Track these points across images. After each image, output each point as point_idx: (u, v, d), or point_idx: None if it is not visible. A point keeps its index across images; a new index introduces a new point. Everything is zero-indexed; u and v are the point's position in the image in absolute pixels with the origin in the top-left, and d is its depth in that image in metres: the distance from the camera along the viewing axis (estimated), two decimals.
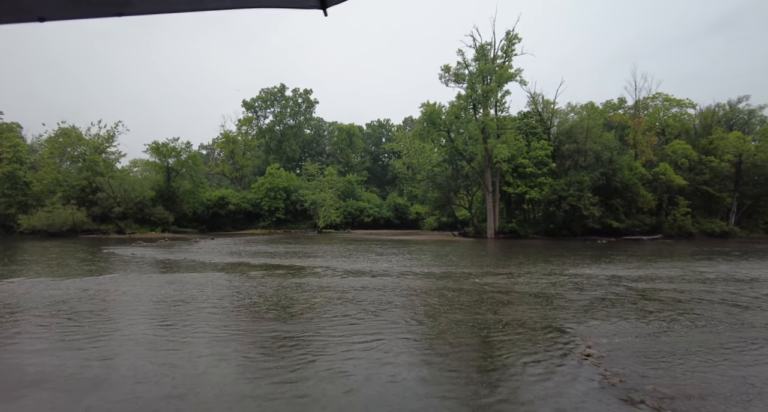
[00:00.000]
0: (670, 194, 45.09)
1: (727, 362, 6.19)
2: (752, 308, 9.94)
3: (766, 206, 49.17)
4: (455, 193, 49.94)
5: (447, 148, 46.12)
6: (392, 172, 74.44)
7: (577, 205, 39.84)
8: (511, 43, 41.75)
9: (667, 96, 56.34)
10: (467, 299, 10.66)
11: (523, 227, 43.79)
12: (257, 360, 6.07)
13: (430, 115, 41.51)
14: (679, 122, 56.17)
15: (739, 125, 59.21)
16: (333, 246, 30.13)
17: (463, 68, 42.67)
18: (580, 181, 40.26)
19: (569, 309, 9.67)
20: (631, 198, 42.56)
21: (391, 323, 8.25)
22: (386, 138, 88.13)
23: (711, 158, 47.67)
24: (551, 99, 49.25)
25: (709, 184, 47.26)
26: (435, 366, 6.06)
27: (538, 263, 19.08)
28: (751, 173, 47.52)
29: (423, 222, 62.02)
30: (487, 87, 40.40)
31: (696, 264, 19.23)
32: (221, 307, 9.67)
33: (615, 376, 5.52)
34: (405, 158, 66.09)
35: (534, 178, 42.32)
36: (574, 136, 44.58)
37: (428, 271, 16.19)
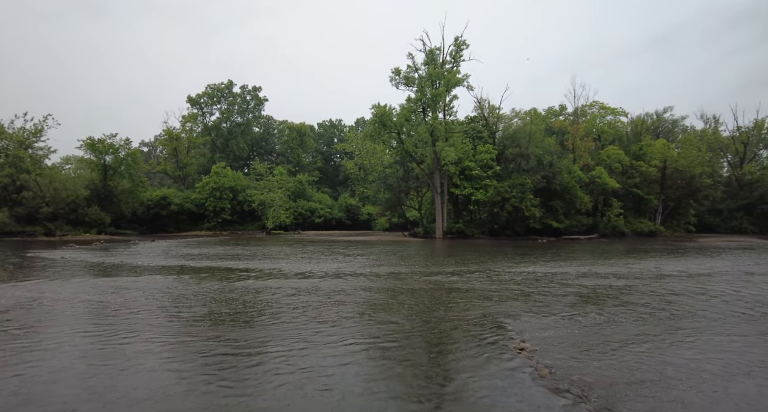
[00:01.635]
0: (605, 196, 48.14)
1: (649, 351, 6.73)
2: (674, 301, 10.85)
3: (686, 208, 53.70)
4: (406, 195, 50.62)
5: (398, 150, 46.69)
6: (344, 173, 74.26)
7: (520, 206, 41.66)
8: (459, 49, 42.92)
9: (603, 104, 60.18)
10: (413, 298, 10.89)
11: (470, 227, 45.14)
12: (197, 369, 5.91)
13: (381, 117, 41.83)
14: (614, 129, 60.15)
15: (664, 133, 64.32)
16: (282, 247, 29.64)
17: (413, 72, 43.35)
18: (523, 183, 42.10)
19: (508, 305, 10.13)
20: (569, 200, 45.02)
21: (337, 322, 8.28)
22: (338, 138, 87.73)
23: (641, 163, 51.42)
24: (497, 105, 51.21)
25: (639, 187, 50.95)
26: (378, 363, 6.17)
27: (482, 262, 19.76)
28: (674, 177, 51.69)
29: (374, 223, 62.33)
30: (436, 91, 41.30)
31: (626, 261, 20.69)
32: (160, 313, 9.28)
33: (545, 368, 5.84)
34: (357, 159, 66.16)
35: (480, 180, 43.77)
36: (517, 140, 46.52)
37: (377, 271, 16.34)
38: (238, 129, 75.21)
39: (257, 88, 76.40)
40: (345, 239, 40.69)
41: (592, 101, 60.05)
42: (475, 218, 48.55)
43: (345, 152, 76.72)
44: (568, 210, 45.65)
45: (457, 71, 42.62)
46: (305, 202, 62.72)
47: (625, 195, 49.97)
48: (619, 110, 60.74)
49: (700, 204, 55.16)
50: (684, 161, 50.90)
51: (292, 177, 64.74)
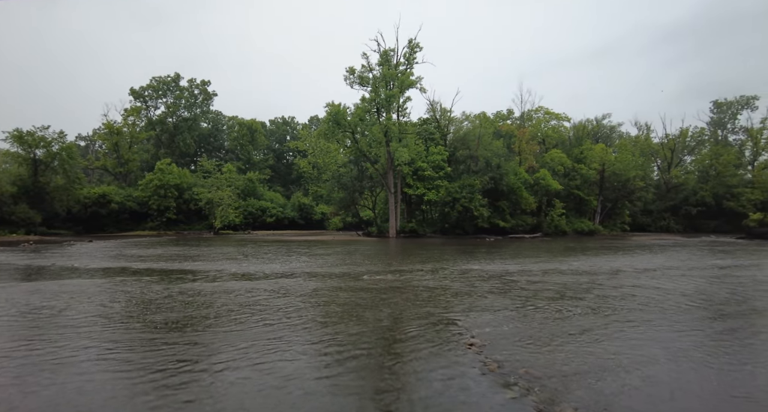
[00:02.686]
0: (548, 197, 50.66)
1: (592, 343, 7.23)
2: (612, 296, 11.68)
3: (622, 208, 57.62)
4: (360, 194, 50.75)
5: (352, 150, 46.78)
6: (297, 171, 73.21)
7: (469, 206, 43.04)
8: (413, 51, 43.59)
9: (547, 110, 63.22)
10: (365, 297, 11.04)
11: (422, 226, 46.02)
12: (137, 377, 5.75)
13: (335, 116, 41.71)
14: (557, 134, 63.36)
15: (603, 138, 68.60)
16: (230, 248, 28.86)
17: (367, 72, 43.57)
18: (472, 184, 43.50)
19: (459, 302, 10.51)
20: (515, 200, 47.01)
21: (286, 323, 8.28)
22: (291, 136, 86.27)
23: (581, 166, 54.57)
24: (448, 107, 52.50)
25: (579, 188, 54.09)
26: (328, 361, 6.25)
27: (433, 261, 20.26)
28: (612, 180, 55.31)
29: (328, 222, 61.97)
30: (390, 92, 41.72)
31: (568, 259, 21.93)
32: (97, 319, 8.86)
33: (494, 362, 6.11)
34: (310, 157, 65.46)
35: (432, 180, 44.75)
36: (467, 143, 47.99)
37: (330, 271, 16.35)
38: (184, 124, 72.11)
39: (206, 82, 73.65)
40: (298, 239, 40.22)
41: (538, 106, 63.05)
42: (427, 218, 49.52)
43: (298, 150, 75.56)
44: (514, 210, 47.68)
45: (411, 73, 43.28)
46: (256, 201, 61.22)
47: (567, 196, 52.90)
48: (563, 116, 64.08)
49: (634, 205, 59.44)
50: (620, 165, 54.59)
51: (242, 175, 62.98)
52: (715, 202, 59.33)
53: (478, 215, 43.25)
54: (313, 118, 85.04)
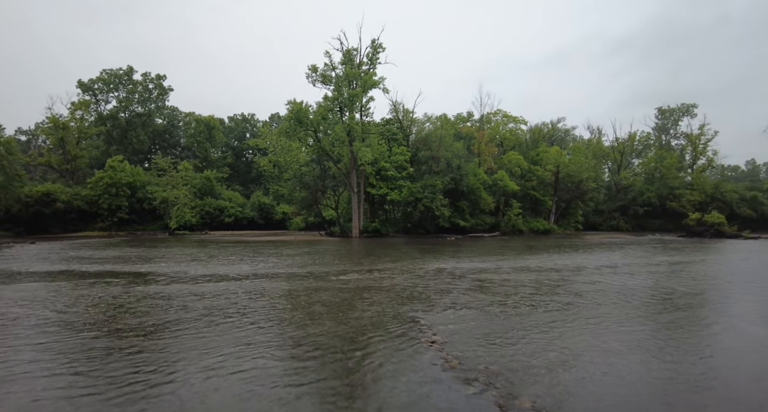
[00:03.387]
0: (506, 197, 52.21)
1: (549, 338, 7.53)
2: (572, 291, 12.20)
3: (575, 208, 60.16)
4: (323, 194, 50.32)
5: (315, 148, 46.31)
6: (257, 170, 71.56)
7: (431, 206, 43.70)
8: (376, 51, 43.69)
9: (505, 113, 65.13)
10: (328, 296, 11.00)
11: (385, 226, 46.26)
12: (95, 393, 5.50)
13: (297, 114, 41.16)
14: (514, 136, 65.41)
15: (558, 141, 71.50)
16: (187, 249, 27.91)
17: (330, 70, 43.26)
18: (434, 184, 44.20)
19: (421, 300, 10.67)
20: (475, 200, 48.14)
21: (249, 325, 8.14)
22: (251, 134, 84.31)
23: (537, 168, 56.63)
24: (410, 108, 53.08)
25: (535, 189, 56.08)
26: (291, 361, 6.21)
27: (396, 260, 20.44)
28: (566, 181, 57.62)
29: (290, 222, 61.02)
30: (353, 91, 41.63)
31: (528, 257, 22.69)
32: (44, 325, 8.38)
33: (455, 359, 6.28)
34: (271, 156, 64.20)
35: (395, 180, 45.09)
36: (429, 143, 48.72)
37: (292, 271, 16.15)
38: (138, 120, 68.95)
39: (161, 77, 70.74)
40: (258, 239, 39.39)
41: (496, 109, 64.87)
42: (390, 217, 49.81)
43: (258, 148, 73.84)
44: (474, 210, 48.83)
45: (374, 73, 43.37)
46: (213, 201, 59.38)
47: (524, 197, 54.76)
48: (520, 119, 66.21)
49: (587, 205, 62.28)
50: (574, 167, 56.99)
51: (199, 173, 60.97)
52: (659, 202, 63.06)
53: (439, 215, 43.99)
54: (274, 115, 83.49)
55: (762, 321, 9.31)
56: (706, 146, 68.22)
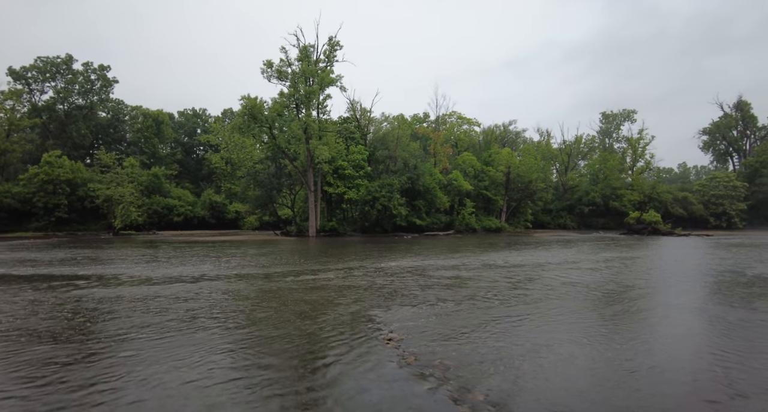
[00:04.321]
0: (460, 197, 53.49)
1: (504, 332, 7.78)
2: (519, 287, 12.66)
3: (525, 208, 62.59)
4: (278, 192, 49.40)
5: (270, 145, 45.33)
6: (208, 167, 69.22)
7: (388, 205, 44.05)
8: (333, 49, 43.46)
9: (460, 114, 66.79)
10: (283, 297, 10.86)
11: (343, 225, 46.13)
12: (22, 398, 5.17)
13: (251, 110, 40.10)
14: (468, 137, 67.21)
15: (509, 143, 74.07)
16: (132, 250, 26.57)
17: (286, 66, 42.57)
18: (391, 184, 44.58)
19: (378, 298, 10.74)
20: (431, 200, 49.00)
21: (200, 329, 7.91)
22: (202, 129, 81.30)
23: (490, 168, 58.42)
24: (368, 108, 53.27)
25: (488, 189, 57.82)
26: (246, 362, 6.11)
27: (353, 259, 20.44)
28: (516, 181, 59.80)
29: (243, 221, 59.44)
30: (310, 88, 41.17)
31: (479, 254, 23.35)
32: None
33: (411, 355, 6.33)
34: (223, 153, 62.40)
35: (352, 179, 45.06)
36: (386, 143, 49.08)
37: (244, 272, 15.77)
38: (79, 113, 64.70)
39: (105, 68, 66.74)
40: (209, 239, 38.10)
41: (451, 111, 66.37)
42: (347, 217, 49.69)
43: (210, 145, 71.44)
44: (430, 209, 49.69)
45: (331, 71, 43.09)
46: (162, 199, 56.86)
47: (477, 196, 56.34)
48: (474, 121, 68.12)
49: (536, 204, 65.01)
50: (524, 168, 59.26)
51: (147, 170, 58.20)
52: (603, 202, 66.76)
53: (396, 214, 44.42)
54: (227, 111, 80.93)
55: (692, 310, 10.12)
56: (645, 150, 73.01)
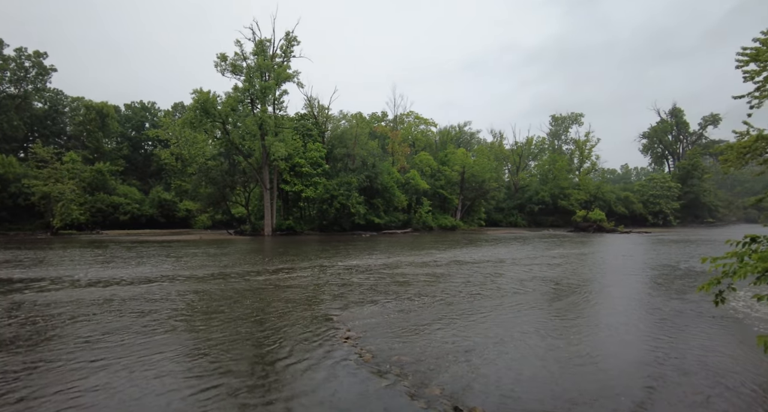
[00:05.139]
0: (417, 196, 54.23)
1: (459, 328, 7.98)
2: (474, 283, 13.01)
3: (479, 206, 64.33)
4: (232, 190, 47.96)
5: (223, 141, 43.89)
6: (157, 163, 66.09)
7: (347, 203, 43.92)
8: (290, 44, 42.71)
9: (417, 115, 67.61)
10: (238, 299, 10.62)
11: (300, 223, 45.51)
12: None
13: (203, 104, 38.65)
14: (425, 137, 68.20)
15: (464, 143, 75.83)
16: (74, 251, 24.99)
17: (241, 60, 41.40)
18: (349, 182, 44.47)
19: (335, 297, 10.72)
20: (389, 198, 49.34)
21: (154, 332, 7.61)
22: (151, 123, 77.48)
23: (446, 168, 59.56)
24: (326, 105, 52.79)
25: (444, 188, 58.96)
26: (204, 365, 5.96)
27: (311, 258, 20.25)
28: (471, 181, 61.33)
29: (194, 220, 57.28)
30: (266, 83, 40.26)
31: (435, 251, 23.77)
32: None
33: (368, 353, 6.42)
34: (174, 148, 59.85)
35: (310, 177, 44.54)
36: (345, 141, 48.90)
37: (198, 273, 15.25)
38: (11, 102, 59.82)
39: (41, 54, 62.03)
40: (158, 239, 36.47)
41: (409, 111, 67.11)
42: (304, 215, 49.08)
43: (159, 140, 68.18)
44: (388, 207, 50.03)
45: (288, 66, 42.33)
46: (107, 197, 53.73)
47: (433, 195, 57.34)
48: (430, 121, 69.22)
49: (489, 203, 66.98)
50: (478, 168, 60.89)
51: (90, 166, 54.79)
52: (552, 201, 69.77)
53: (355, 212, 44.36)
54: (178, 105, 77.57)
55: (633, 301, 10.84)
56: (591, 151, 76.96)
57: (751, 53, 10.28)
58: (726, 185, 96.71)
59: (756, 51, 10.20)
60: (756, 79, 10.33)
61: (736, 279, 3.90)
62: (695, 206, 78.66)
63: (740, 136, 10.71)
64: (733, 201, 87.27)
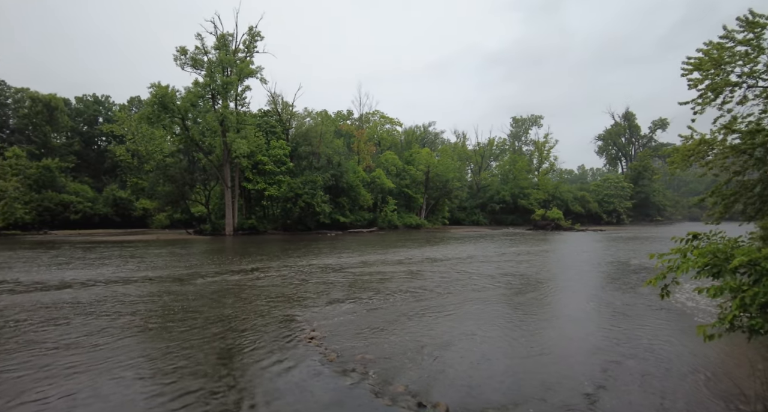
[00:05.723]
0: (383, 195, 54.43)
1: (422, 325, 8.07)
2: (438, 281, 13.17)
3: (443, 205, 65.27)
4: (191, 188, 46.40)
5: (182, 138, 42.38)
6: (112, 160, 63.03)
7: (311, 202, 43.44)
8: (254, 39, 41.80)
9: (382, 114, 67.76)
10: (199, 300, 10.32)
11: (263, 223, 44.64)
12: None
13: (161, 98, 37.17)
14: (391, 137, 68.47)
15: (429, 143, 76.67)
16: (17, 253, 23.51)
17: (202, 54, 40.12)
18: (314, 180, 44.02)
19: (299, 298, 10.60)
20: (354, 197, 49.23)
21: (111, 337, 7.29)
22: (104, 118, 73.73)
23: (411, 168, 60.05)
24: (290, 102, 52.02)
25: (409, 187, 59.42)
26: (172, 367, 5.78)
27: (274, 258, 19.92)
28: (435, 180, 62.15)
29: (152, 219, 55.05)
30: (228, 79, 39.22)
31: (401, 250, 23.92)
32: None
33: (332, 352, 6.43)
34: (129, 144, 57.34)
35: (273, 175, 43.76)
36: (309, 139, 48.34)
37: (154, 274, 14.68)
38: None
39: None
40: (113, 239, 34.84)
41: (375, 110, 67.10)
42: (268, 214, 48.20)
43: (114, 135, 65.03)
44: (353, 206, 49.91)
45: (251, 62, 41.41)
46: (55, 195, 50.78)
47: (399, 194, 57.71)
48: (396, 120, 69.49)
49: (452, 202, 68.10)
50: (442, 167, 61.76)
51: (36, 162, 51.62)
52: (512, 200, 71.71)
53: (320, 211, 43.94)
54: (134, 99, 74.21)
55: (589, 296, 11.31)
56: (549, 152, 79.61)
57: (694, 63, 10.93)
58: (673, 186, 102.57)
59: (699, 61, 10.85)
60: (699, 86, 10.98)
61: (680, 274, 4.15)
62: (646, 205, 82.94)
63: (685, 140, 11.36)
64: (679, 200, 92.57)
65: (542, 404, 4.78)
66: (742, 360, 6.07)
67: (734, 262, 3.62)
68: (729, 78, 10.56)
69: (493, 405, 4.74)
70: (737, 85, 10.52)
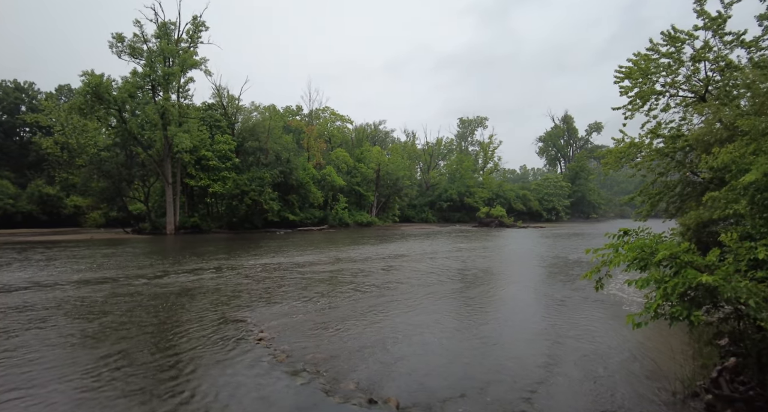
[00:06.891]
0: (333, 192, 54.10)
1: (372, 322, 8.12)
2: (387, 278, 13.29)
3: (393, 203, 65.94)
4: (128, 184, 43.68)
5: (119, 130, 39.78)
6: (37, 153, 58.05)
7: (259, 199, 42.34)
8: (198, 29, 40.04)
9: (333, 111, 67.22)
10: (140, 305, 9.80)
11: (206, 221, 42.94)
12: None
13: (95, 88, 34.70)
14: (341, 134, 68.11)
15: (379, 142, 77.11)
16: None
17: (141, 43, 37.90)
18: (262, 177, 42.93)
19: (246, 298, 10.33)
20: (304, 194, 48.56)
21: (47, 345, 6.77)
22: (28, 107, 67.75)
23: (362, 165, 60.13)
24: (236, 95, 50.36)
25: (360, 185, 59.49)
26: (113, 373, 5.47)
27: (218, 258, 19.26)
28: (386, 178, 62.64)
29: (85, 218, 51.26)
30: (169, 69, 37.30)
31: (352, 248, 23.91)
32: None
33: (282, 353, 6.35)
34: (58, 136, 53.09)
35: (218, 171, 42.24)
36: (257, 134, 47.05)
37: (88, 277, 13.73)
38: None
39: None
40: (40, 239, 32.12)
41: (325, 106, 66.45)
42: (212, 212, 46.45)
43: (39, 126, 59.90)
44: (303, 204, 49.22)
45: (195, 52, 39.65)
46: None
47: (350, 191, 57.61)
48: (346, 118, 69.22)
49: (402, 200, 68.93)
50: (392, 166, 62.37)
51: None
52: (459, 198, 73.76)
53: (268, 209, 42.91)
54: (64, 87, 68.77)
55: (530, 290, 11.90)
56: (494, 153, 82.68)
57: (625, 71, 11.85)
58: (606, 185, 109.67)
59: (629, 70, 11.76)
60: (629, 94, 11.90)
61: (612, 267, 4.47)
62: (582, 203, 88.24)
63: (617, 142, 12.26)
64: (612, 199, 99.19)
65: (493, 386, 5.02)
66: (665, 344, 6.66)
67: (658, 256, 3.96)
68: (654, 87, 11.50)
69: (443, 396, 4.89)
70: (661, 94, 11.49)
